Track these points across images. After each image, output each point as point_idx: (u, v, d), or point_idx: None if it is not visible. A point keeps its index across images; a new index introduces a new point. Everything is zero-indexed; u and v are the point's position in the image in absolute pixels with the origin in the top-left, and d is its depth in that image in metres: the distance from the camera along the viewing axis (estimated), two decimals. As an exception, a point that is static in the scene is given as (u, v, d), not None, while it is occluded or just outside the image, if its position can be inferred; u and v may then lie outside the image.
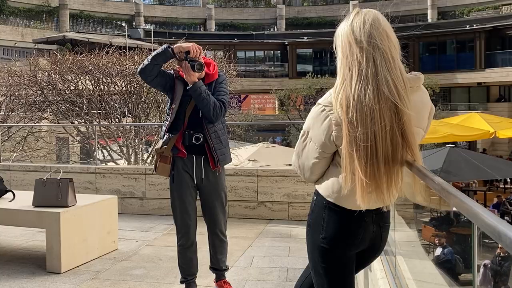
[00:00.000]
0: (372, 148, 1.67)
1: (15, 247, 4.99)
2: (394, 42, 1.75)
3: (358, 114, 1.66)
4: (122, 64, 10.64)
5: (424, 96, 1.84)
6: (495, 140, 24.64)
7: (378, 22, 1.74)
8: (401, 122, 1.68)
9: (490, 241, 1.41)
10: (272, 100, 33.76)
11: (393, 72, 1.69)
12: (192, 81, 3.18)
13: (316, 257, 1.88)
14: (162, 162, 3.29)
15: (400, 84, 1.69)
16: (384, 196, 1.73)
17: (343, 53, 1.75)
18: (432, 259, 7.27)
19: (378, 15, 1.77)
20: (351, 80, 1.70)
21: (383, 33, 1.72)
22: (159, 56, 3.17)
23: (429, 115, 1.87)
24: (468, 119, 15.82)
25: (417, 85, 1.80)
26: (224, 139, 3.38)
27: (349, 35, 1.74)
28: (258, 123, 24.42)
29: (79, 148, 12.65)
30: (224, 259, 3.54)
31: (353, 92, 1.67)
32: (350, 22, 1.76)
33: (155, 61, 3.17)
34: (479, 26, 31.10)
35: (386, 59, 1.69)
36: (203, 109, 3.21)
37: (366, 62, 1.69)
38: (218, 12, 44.31)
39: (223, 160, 3.35)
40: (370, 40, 1.70)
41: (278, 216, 6.20)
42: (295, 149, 1.92)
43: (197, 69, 3.15)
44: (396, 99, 1.66)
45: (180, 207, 3.34)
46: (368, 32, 1.71)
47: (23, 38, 35.80)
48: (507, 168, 10.88)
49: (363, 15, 1.76)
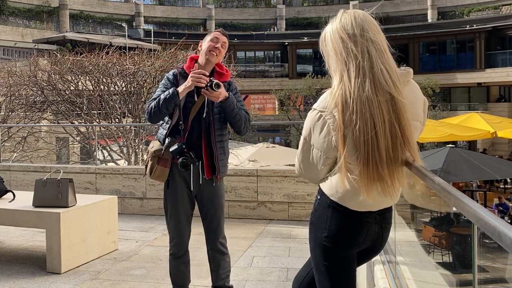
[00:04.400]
0: (373, 140, 1.68)
1: (15, 247, 4.99)
2: (384, 37, 1.80)
3: (358, 107, 1.67)
4: (122, 65, 10.63)
5: (415, 90, 1.87)
6: (495, 140, 24.67)
7: (369, 17, 1.79)
8: (397, 113, 1.70)
9: (490, 241, 1.42)
10: (272, 100, 33.77)
11: (387, 64, 1.73)
12: (223, 99, 2.97)
13: (318, 255, 1.90)
14: (161, 165, 3.05)
15: (394, 75, 1.73)
16: (389, 187, 1.74)
17: (336, 51, 1.77)
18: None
19: (365, 12, 1.82)
20: (349, 75, 1.71)
21: (373, 27, 1.77)
22: (169, 104, 2.96)
23: (423, 107, 1.90)
24: (468, 119, 15.82)
25: (407, 79, 1.83)
26: (227, 150, 3.22)
27: (341, 31, 1.76)
28: (258, 123, 24.43)
29: (79, 148, 12.64)
30: (226, 274, 3.28)
31: (353, 87, 1.69)
32: (339, 20, 1.80)
33: (165, 110, 2.98)
34: (479, 26, 31.11)
35: (380, 51, 1.73)
36: (235, 124, 3.07)
37: (361, 55, 1.71)
38: (218, 12, 44.32)
39: (223, 172, 3.15)
40: (363, 33, 1.73)
41: (278, 216, 6.20)
42: (298, 156, 1.91)
43: (216, 89, 2.92)
44: (393, 90, 1.69)
45: (174, 215, 3.14)
46: (361, 26, 1.75)
47: (23, 38, 35.82)
48: (507, 168, 10.86)
49: (352, 12, 1.80)
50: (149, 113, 3.02)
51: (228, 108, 3.01)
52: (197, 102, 3.08)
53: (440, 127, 13.43)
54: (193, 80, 2.93)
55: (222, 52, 3.15)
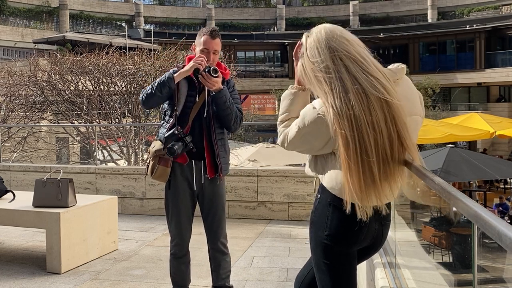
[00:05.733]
0: (368, 147, 1.68)
1: (15, 247, 4.99)
2: (357, 42, 1.79)
3: (355, 127, 1.68)
4: (122, 65, 10.64)
5: (410, 84, 1.89)
6: (495, 140, 24.67)
7: (335, 32, 1.79)
8: (393, 117, 1.70)
9: (490, 241, 1.42)
10: (272, 100, 33.77)
11: (372, 69, 1.73)
12: (218, 88, 2.98)
13: (319, 254, 1.90)
14: (162, 165, 3.04)
15: (383, 78, 1.73)
16: (383, 191, 1.74)
17: (316, 78, 1.77)
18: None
19: (327, 27, 1.82)
20: (334, 97, 1.70)
21: (342, 40, 1.77)
22: (163, 88, 2.97)
23: (420, 100, 1.92)
24: (468, 119, 15.80)
25: (401, 76, 1.85)
26: (228, 148, 3.22)
27: (309, 63, 1.78)
28: (258, 123, 24.44)
29: (79, 148, 12.64)
30: (227, 274, 3.28)
31: (339, 108, 1.69)
32: (305, 52, 1.81)
33: (159, 93, 2.98)
34: (479, 26, 31.11)
35: (358, 61, 1.73)
36: (225, 118, 3.05)
37: (339, 74, 1.71)
38: (218, 12, 44.33)
39: (225, 170, 3.15)
40: (332, 54, 1.74)
41: (278, 217, 6.20)
42: (287, 134, 1.91)
43: (213, 74, 2.94)
44: (385, 95, 1.70)
45: (175, 215, 3.14)
46: (328, 47, 1.75)
47: (23, 38, 35.83)
48: (507, 168, 10.86)
49: (315, 35, 1.81)
50: (143, 97, 3.04)
51: (220, 100, 3.01)
52: (198, 102, 3.07)
53: (440, 127, 13.41)
54: (195, 61, 2.97)
55: (215, 59, 3.13)
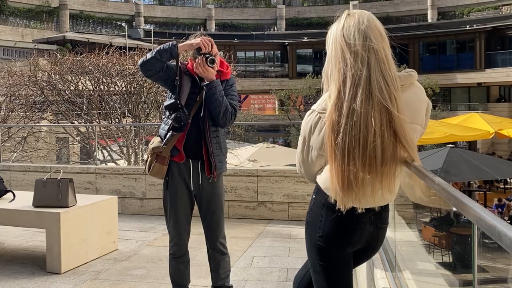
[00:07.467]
0: (359, 151, 1.66)
1: (15, 247, 4.99)
2: (387, 41, 1.74)
3: (350, 119, 1.65)
4: (122, 64, 10.64)
5: (419, 93, 1.83)
6: (495, 140, 24.66)
7: (373, 22, 1.72)
8: (392, 124, 1.67)
9: (490, 241, 1.42)
10: (272, 100, 33.79)
11: (386, 74, 1.68)
12: (209, 78, 2.98)
13: (313, 255, 1.90)
14: (159, 163, 3.05)
15: (393, 85, 1.68)
16: (365, 194, 1.72)
17: (335, 59, 1.73)
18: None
19: (371, 15, 1.76)
20: (344, 85, 1.68)
21: (377, 33, 1.71)
22: (164, 52, 2.94)
23: (426, 111, 1.86)
24: (468, 119, 15.80)
25: (410, 82, 1.79)
26: (224, 146, 3.20)
27: (341, 40, 1.72)
28: (258, 123, 24.42)
29: (79, 148, 12.64)
30: (226, 274, 3.28)
31: (346, 97, 1.66)
32: (342, 26, 1.74)
33: (158, 56, 2.95)
34: (479, 26, 31.12)
35: (380, 60, 1.68)
36: (214, 111, 3.02)
37: (360, 66, 1.67)
38: (218, 12, 44.33)
39: (220, 168, 3.11)
40: (365, 43, 1.68)
41: (278, 217, 6.20)
42: (297, 155, 1.92)
43: (209, 64, 2.95)
44: (388, 104, 1.66)
45: (173, 215, 3.13)
46: (364, 34, 1.69)
47: (23, 38, 35.82)
48: (507, 168, 10.86)
49: (357, 17, 1.73)
50: (143, 59, 3.00)
51: (209, 91, 3.01)
52: (198, 101, 3.08)
53: (440, 127, 13.41)
54: (202, 40, 2.98)
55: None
